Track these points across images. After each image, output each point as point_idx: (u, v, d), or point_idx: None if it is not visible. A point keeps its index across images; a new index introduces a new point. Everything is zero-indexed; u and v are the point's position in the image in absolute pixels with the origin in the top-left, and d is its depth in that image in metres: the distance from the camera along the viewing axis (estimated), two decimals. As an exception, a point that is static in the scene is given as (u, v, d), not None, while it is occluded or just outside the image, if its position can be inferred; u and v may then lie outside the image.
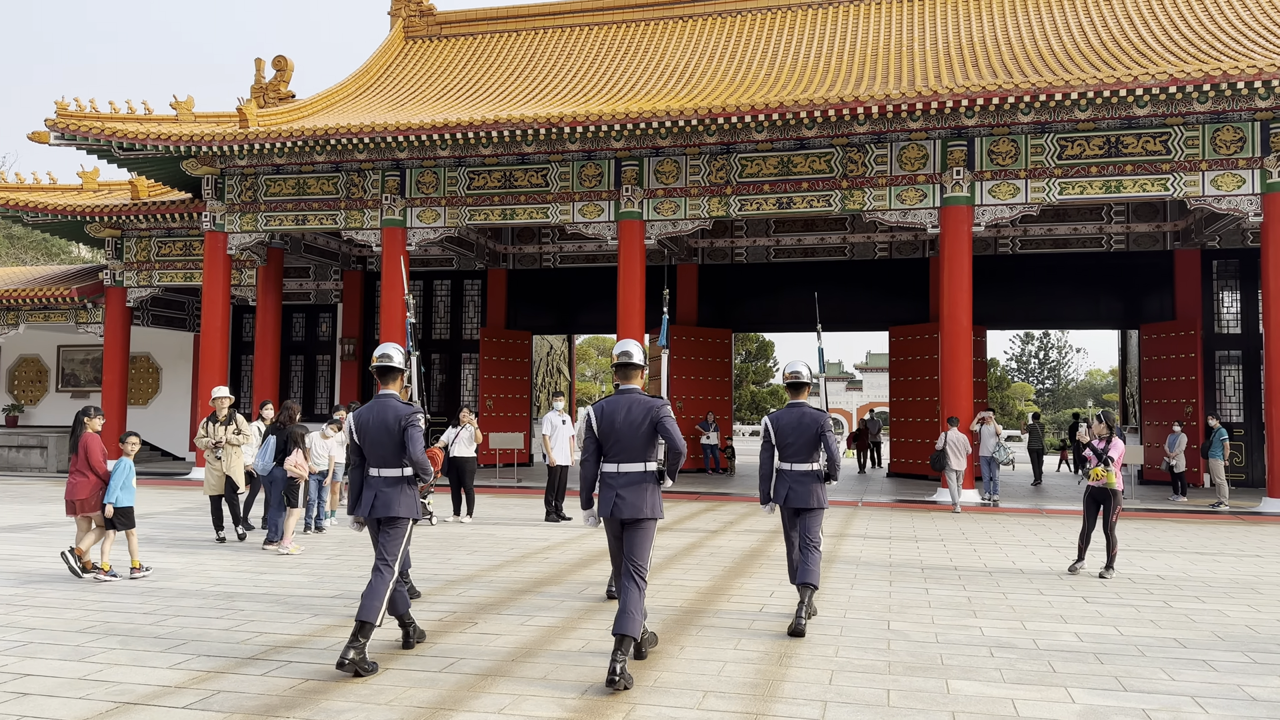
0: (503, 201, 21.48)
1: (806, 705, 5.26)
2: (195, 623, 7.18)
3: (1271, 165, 17.61)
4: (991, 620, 7.52)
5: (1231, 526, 14.98)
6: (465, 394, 28.21)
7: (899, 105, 17.95)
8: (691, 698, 5.37)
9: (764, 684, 5.66)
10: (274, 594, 8.35)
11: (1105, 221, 24.05)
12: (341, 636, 6.78)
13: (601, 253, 27.37)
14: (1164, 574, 9.93)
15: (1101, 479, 9.96)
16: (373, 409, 6.26)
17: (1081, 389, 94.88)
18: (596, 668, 5.99)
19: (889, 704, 5.30)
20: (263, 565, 9.97)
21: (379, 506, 6.16)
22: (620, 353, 6.14)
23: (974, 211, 18.94)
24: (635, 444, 5.97)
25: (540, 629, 7.07)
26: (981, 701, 5.36)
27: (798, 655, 6.33)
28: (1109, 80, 17.09)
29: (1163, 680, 5.83)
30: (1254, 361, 23.34)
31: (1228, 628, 7.35)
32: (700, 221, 20.37)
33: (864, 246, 25.45)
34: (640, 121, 19.12)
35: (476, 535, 12.57)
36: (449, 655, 6.29)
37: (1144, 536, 13.19)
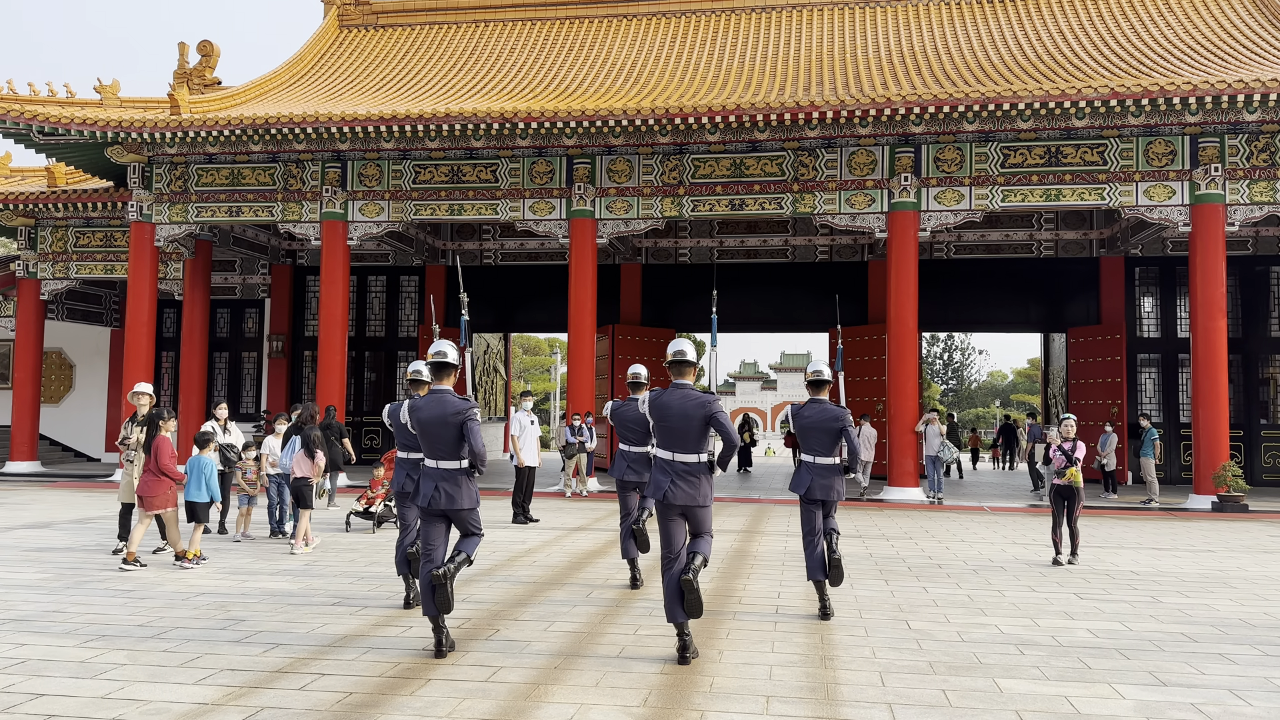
0: (450, 197, 21.08)
1: (873, 708, 5.27)
2: (201, 633, 6.82)
3: (1200, 178, 18.49)
4: (1002, 618, 7.69)
5: (1169, 522, 15.67)
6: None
7: (852, 110, 18.25)
8: (756, 703, 5.33)
9: (820, 687, 5.66)
10: (269, 601, 7.99)
11: (1035, 228, 24.92)
12: (361, 645, 6.53)
13: (544, 251, 27.12)
14: (1136, 570, 10.32)
15: (1070, 478, 10.61)
16: (430, 403, 6.42)
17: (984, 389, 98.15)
18: (645, 673, 5.90)
19: (950, 704, 5.35)
20: (241, 571, 9.55)
21: (442, 499, 6.38)
22: (675, 351, 6.49)
23: (920, 217, 19.39)
24: (689, 436, 6.31)
25: (567, 634, 6.93)
26: (1037, 699, 5.46)
27: (838, 657, 6.35)
28: (1054, 92, 17.69)
29: (1193, 674, 6.04)
30: (1171, 364, 24.50)
31: (1223, 622, 7.67)
32: (653, 221, 20.35)
33: (805, 249, 25.82)
34: (596, 120, 19.00)
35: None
36: (487, 664, 6.11)
37: (1097, 533, 13.68)
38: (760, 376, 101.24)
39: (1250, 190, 18.42)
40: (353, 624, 7.23)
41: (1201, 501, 18.17)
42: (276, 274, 27.76)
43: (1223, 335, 18.46)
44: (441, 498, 6.37)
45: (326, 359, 21.33)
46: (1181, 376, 24.45)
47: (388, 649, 6.48)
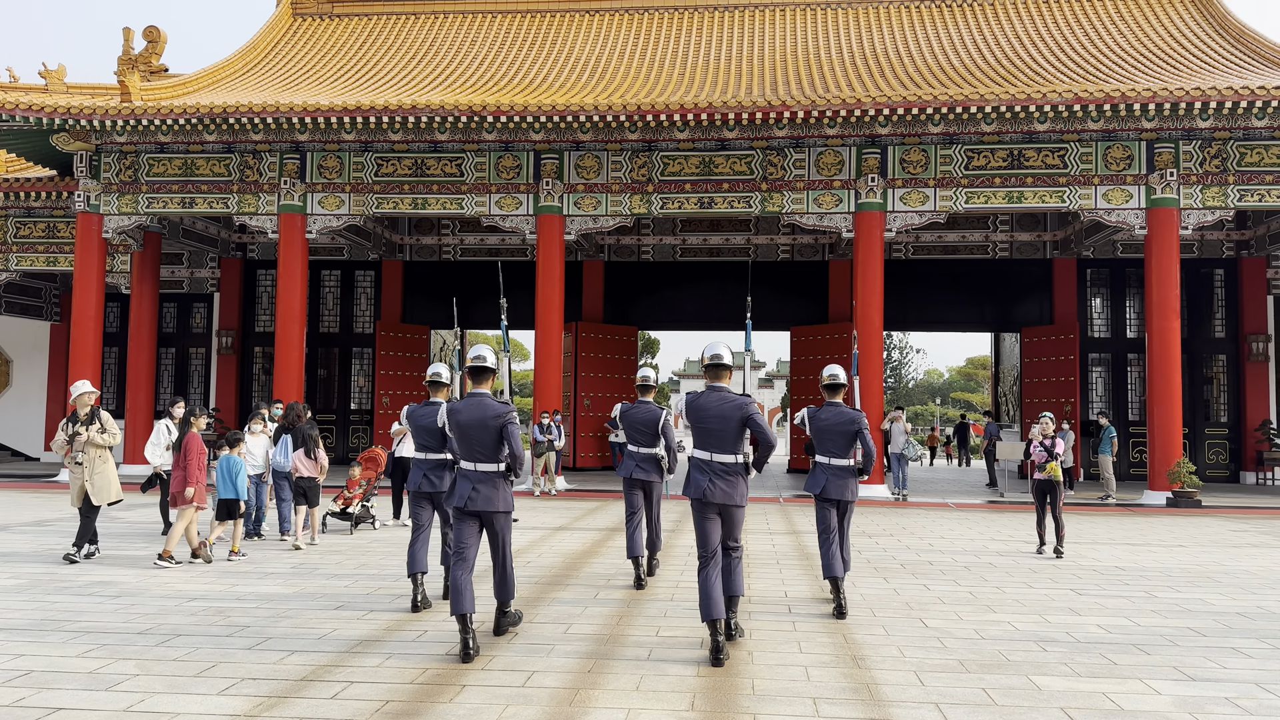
0: (414, 190, 20.72)
1: (921, 708, 5.27)
2: (208, 640, 6.55)
3: (1156, 182, 19.00)
4: (1012, 615, 7.77)
5: (1129, 518, 16.07)
6: (357, 390, 27.10)
7: (823, 111, 18.37)
8: (803, 705, 5.29)
9: (861, 688, 5.64)
10: (267, 605, 7.72)
11: (991, 230, 25.39)
12: (380, 650, 6.34)
13: (505, 246, 26.84)
14: (1120, 565, 10.55)
15: (1051, 473, 11.21)
16: (469, 406, 6.52)
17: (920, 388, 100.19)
18: (682, 675, 5.82)
19: (995, 703, 5.37)
20: (229, 574, 9.22)
21: (478, 500, 6.43)
22: (712, 355, 6.63)
23: (886, 217, 19.60)
24: (727, 437, 6.48)
25: (588, 636, 6.82)
26: (1077, 696, 5.51)
27: (868, 657, 6.35)
28: (1020, 96, 18.02)
29: (1216, 669, 6.16)
30: (1120, 364, 25.19)
31: (1222, 616, 7.86)
32: (622, 218, 20.25)
33: (767, 248, 25.95)
34: (566, 115, 18.83)
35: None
36: (518, 668, 5.98)
37: (1066, 529, 13.94)
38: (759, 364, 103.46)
39: (1203, 195, 18.99)
40: (364, 628, 7.02)
41: (1156, 497, 18.67)
42: (226, 268, 27.01)
43: (1176, 336, 19.00)
44: (479, 499, 6.43)
45: (284, 355, 20.81)
46: (1130, 375, 25.15)
47: (410, 654, 6.30)
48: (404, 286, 27.00)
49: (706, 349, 6.73)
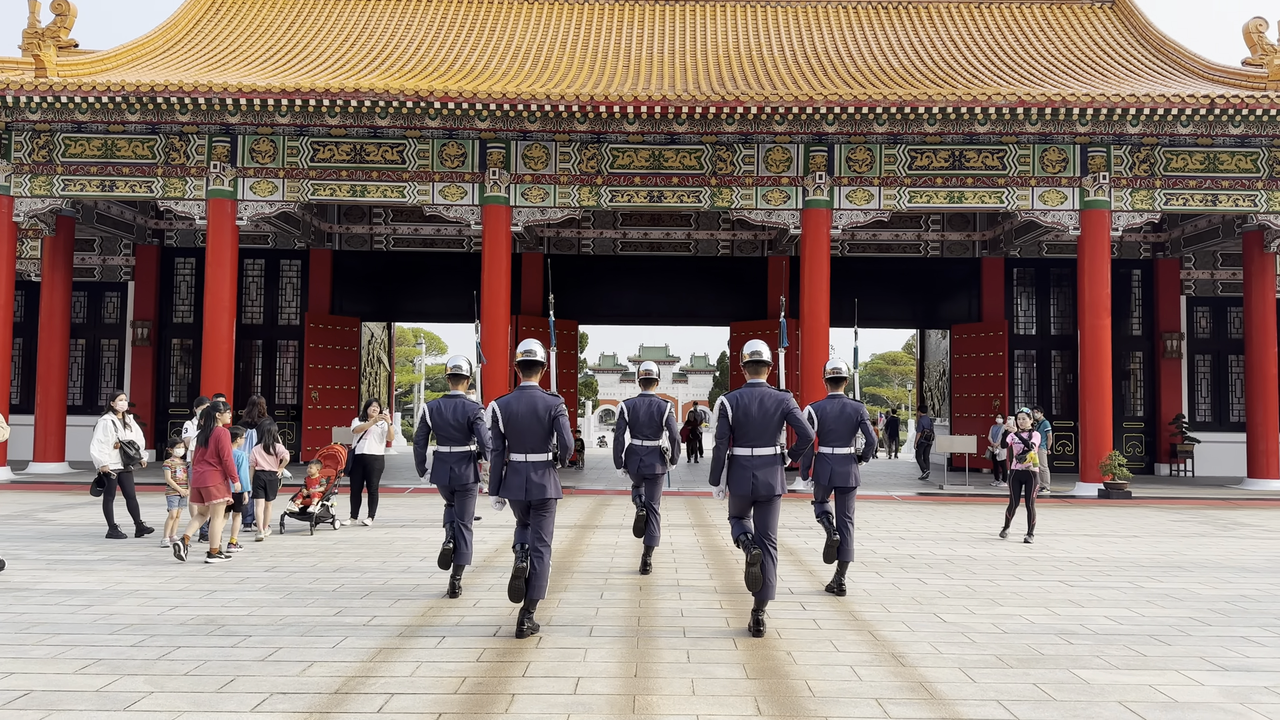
0: (352, 177, 20.03)
1: (985, 705, 5.25)
2: (213, 651, 6.12)
3: (1089, 185, 19.66)
4: (1020, 608, 7.87)
5: (1068, 509, 16.62)
6: (283, 384, 26.12)
7: (775, 107, 18.43)
8: (870, 706, 5.21)
9: (916, 686, 5.60)
10: (259, 613, 7.28)
11: (924, 229, 25.96)
12: (400, 655, 6.02)
13: (440, 237, 26.23)
14: (1093, 557, 10.84)
15: (1030, 462, 12.01)
16: (519, 399, 6.77)
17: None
18: (732, 679, 5.68)
19: (1053, 699, 5.39)
20: (201, 580, 8.68)
21: (534, 491, 6.72)
22: (751, 352, 6.99)
23: (833, 215, 19.81)
24: (767, 431, 6.80)
25: (616, 639, 6.62)
26: (1126, 689, 5.58)
27: (907, 655, 6.32)
28: (966, 98, 18.41)
29: (1239, 658, 6.33)
30: (1045, 360, 26.06)
31: (1215, 604, 8.11)
32: (570, 210, 19.98)
33: (708, 243, 25.98)
34: (518, 104, 18.46)
35: (401, 540, 11.63)
36: (562, 676, 5.74)
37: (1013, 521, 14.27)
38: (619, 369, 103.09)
39: (1133, 198, 19.74)
40: (376, 635, 6.67)
41: (1088, 489, 19.35)
42: (141, 255, 25.68)
43: (1108, 333, 19.73)
44: (534, 489, 6.73)
45: (212, 348, 19.86)
46: (1053, 371, 26.06)
47: (438, 661, 6.00)
48: (333, 277, 26.12)
49: (746, 346, 7.07)
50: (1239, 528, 14.02)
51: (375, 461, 12.97)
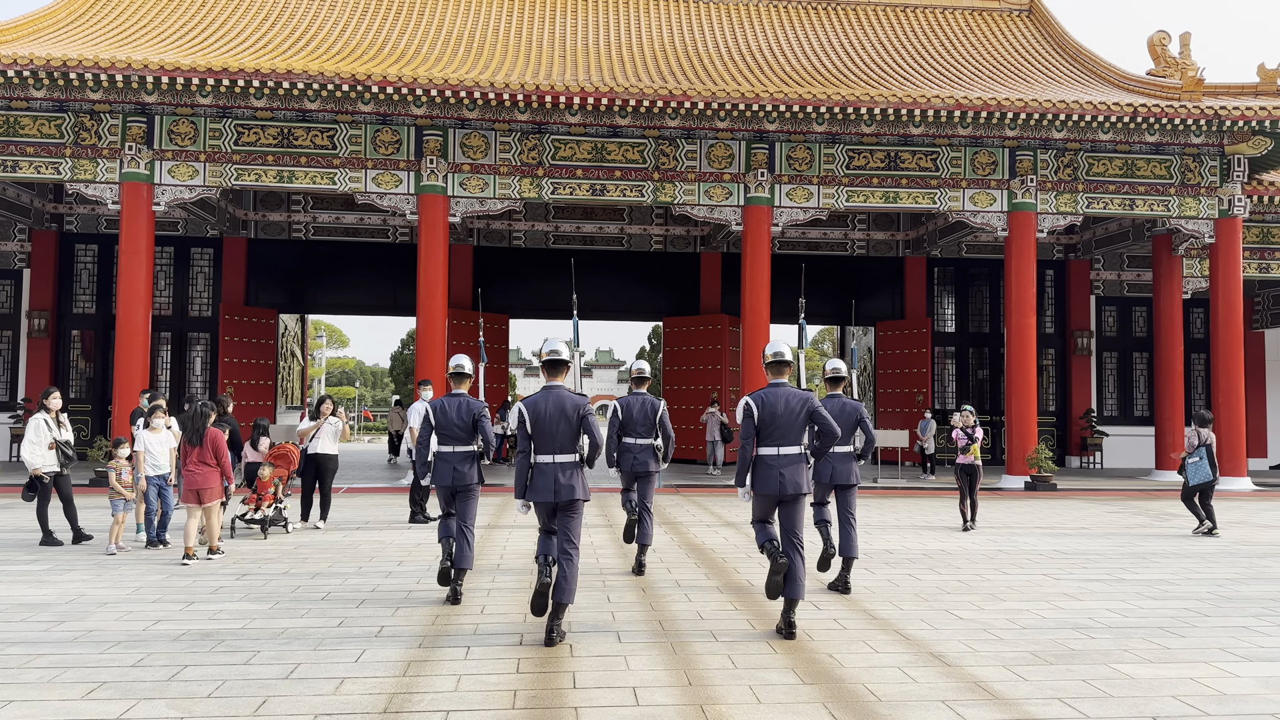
0: (279, 162, 19.15)
1: (1049, 704, 5.26)
2: (222, 670, 5.67)
3: (1017, 187, 20.31)
4: (1024, 603, 8.00)
5: (1000, 501, 17.13)
6: (194, 379, 24.86)
7: (721, 103, 18.41)
8: (943, 710, 5.17)
9: (973, 686, 5.58)
10: (254, 625, 6.81)
11: (850, 228, 26.42)
12: (426, 673, 5.70)
13: (364, 226, 25.37)
14: (1061, 550, 11.15)
15: (974, 456, 12.66)
16: (546, 399, 6.62)
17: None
18: (789, 684, 5.57)
19: (1110, 694, 5.45)
20: (171, 592, 8.09)
21: (561, 491, 6.52)
22: (774, 353, 6.98)
23: (773, 212, 19.93)
24: (793, 430, 6.80)
25: (646, 641, 6.42)
26: (1170, 683, 5.68)
27: (946, 654, 6.32)
28: (906, 99, 18.76)
29: (1254, 648, 6.53)
30: (965, 357, 26.87)
31: (1201, 595, 8.41)
32: (511, 202, 19.56)
33: (641, 238, 25.85)
34: (460, 90, 17.96)
35: (365, 543, 11.13)
36: (614, 686, 5.52)
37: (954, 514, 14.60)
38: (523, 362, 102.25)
39: (1057, 201, 20.48)
40: (399, 648, 6.30)
41: (1015, 482, 20.02)
42: (38, 241, 24.05)
43: (1033, 331, 20.42)
44: (564, 490, 6.55)
45: (127, 341, 18.73)
46: (970, 367, 26.88)
47: (474, 673, 5.69)
48: (248, 266, 25.00)
49: (768, 347, 7.06)
50: (1171, 518, 14.68)
51: (329, 461, 12.41)
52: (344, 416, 13.07)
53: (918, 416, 24.24)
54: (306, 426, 12.47)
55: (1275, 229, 23.42)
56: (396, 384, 49.14)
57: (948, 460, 25.63)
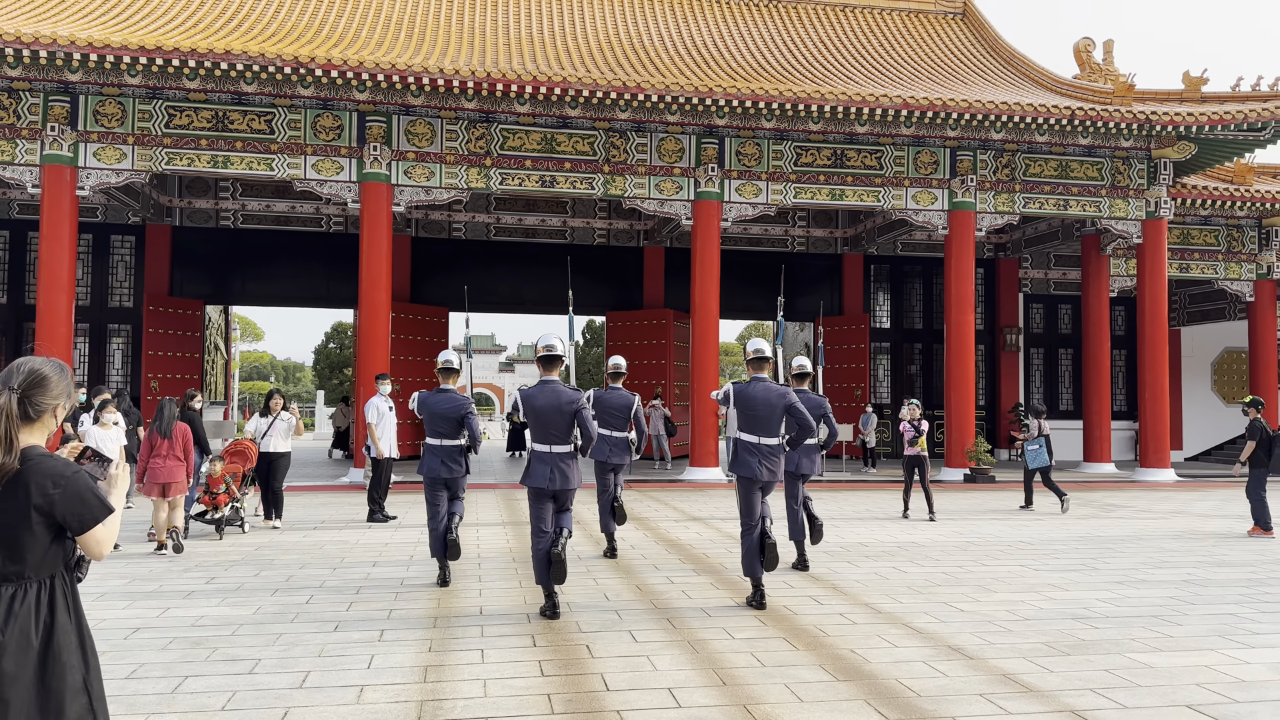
0: (214, 146, 18.35)
1: (1084, 695, 5.30)
2: (238, 679, 5.33)
3: (957, 187, 20.73)
4: (1016, 594, 8.10)
5: (941, 493, 17.45)
6: (113, 373, 23.71)
7: (675, 97, 18.32)
8: (984, 704, 5.16)
9: (1005, 679, 5.59)
10: (247, 629, 6.45)
11: (790, 225, 26.64)
12: (447, 679, 5.47)
13: (296, 215, 24.55)
14: (1025, 539, 11.38)
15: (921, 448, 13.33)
16: (542, 392, 6.96)
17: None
18: (823, 681, 5.50)
19: (1138, 684, 5.52)
20: (137, 596, 7.62)
21: (558, 480, 6.93)
22: (755, 349, 7.60)
23: (723, 207, 19.94)
24: (773, 422, 7.41)
25: (655, 628, 6.28)
26: (1188, 671, 5.79)
27: (964, 647, 6.33)
28: (855, 98, 18.94)
29: (1250, 635, 6.72)
30: (899, 352, 27.36)
31: (1178, 583, 8.65)
32: (457, 192, 19.12)
33: (584, 231, 25.61)
34: (408, 76, 17.48)
35: (329, 543, 10.72)
36: (648, 687, 5.37)
37: (912, 505, 14.86)
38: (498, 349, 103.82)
39: (995, 201, 20.98)
40: (408, 652, 6.03)
41: (954, 474, 20.45)
42: (-58, 225, 22.59)
43: (972, 327, 20.89)
44: (558, 479, 6.93)
45: (49, 333, 17.71)
46: (904, 362, 27.40)
47: (500, 663, 5.47)
48: (173, 255, 23.95)
49: (750, 344, 7.66)
50: (1115, 508, 15.17)
51: (281, 459, 11.91)
52: (295, 412, 12.58)
53: (858, 410, 24.61)
54: (256, 426, 11.95)
55: (1195, 230, 24.45)
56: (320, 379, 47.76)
57: (884, 454, 26.12)
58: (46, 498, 2.69)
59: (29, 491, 2.68)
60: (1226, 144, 21.10)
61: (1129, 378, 28.24)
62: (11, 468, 2.67)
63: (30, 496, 2.67)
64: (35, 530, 2.69)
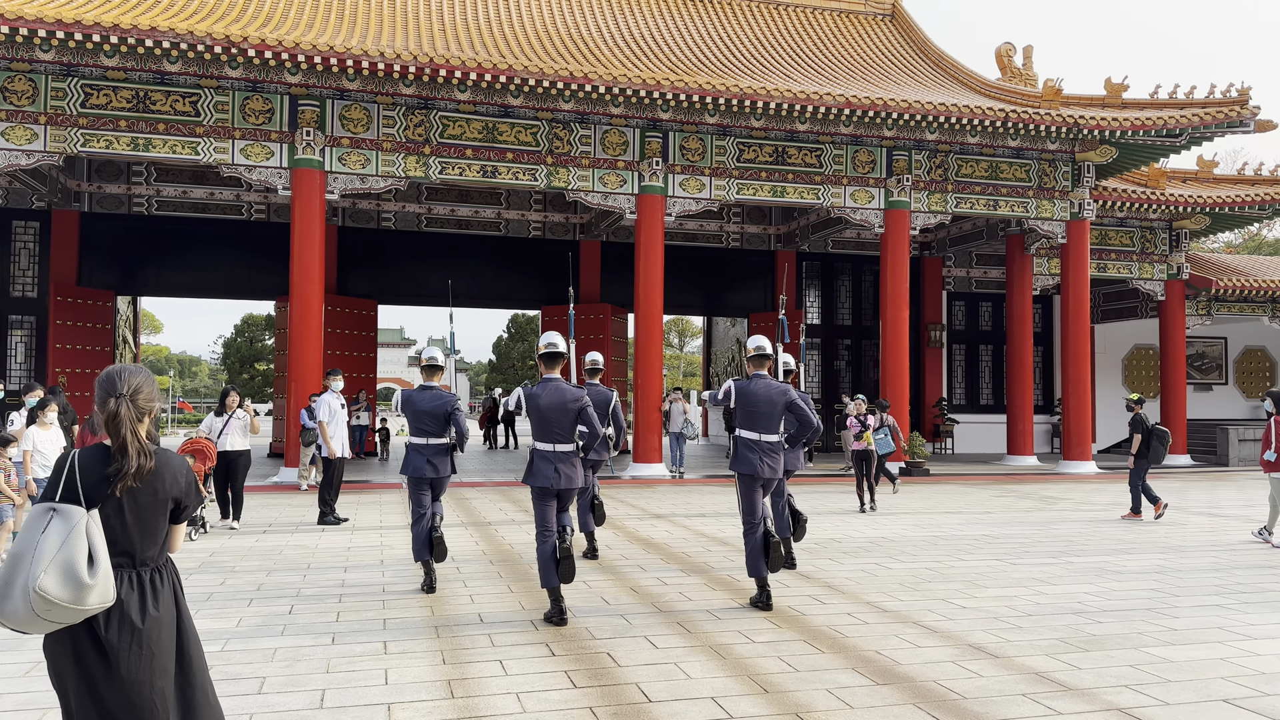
0: (134, 128, 17.34)
1: (1122, 692, 5.32)
2: (256, 704, 4.93)
3: (893, 186, 21.04)
4: (1006, 590, 8.17)
5: (880, 487, 17.70)
6: (16, 367, 22.25)
7: (624, 89, 18.10)
8: (1031, 705, 5.12)
9: (1040, 678, 5.58)
10: (236, 645, 6.00)
11: (725, 221, 26.70)
12: (475, 693, 5.19)
13: (215, 202, 23.45)
14: (988, 534, 11.56)
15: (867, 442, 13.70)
16: (546, 390, 6.89)
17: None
18: (856, 685, 5.39)
19: (1168, 679, 5.57)
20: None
21: (562, 480, 6.83)
22: (756, 347, 7.70)
23: (667, 202, 19.81)
24: (773, 419, 7.47)
25: (671, 633, 6.09)
26: (1208, 664, 5.88)
27: (984, 645, 6.32)
28: (801, 95, 19.02)
29: (1246, 625, 6.90)
30: (830, 348, 27.69)
31: (1153, 576, 8.86)
32: (395, 180, 18.51)
33: (518, 224, 25.15)
34: (347, 59, 16.82)
35: (289, 547, 10.17)
36: (692, 696, 5.17)
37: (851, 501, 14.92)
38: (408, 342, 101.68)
39: (929, 200, 21.38)
40: (421, 666, 5.70)
41: (891, 468, 20.74)
42: None
43: (906, 324, 21.25)
44: (562, 478, 6.85)
45: (-50, 322, 16.48)
46: (834, 358, 27.77)
47: (538, 691, 5.21)
48: (81, 243, 22.59)
49: (751, 341, 7.74)
50: (1056, 500, 15.60)
51: (240, 458, 11.32)
52: (250, 409, 11.95)
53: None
54: (208, 426, 11.29)
55: (1112, 232, 25.40)
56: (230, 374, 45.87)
57: (817, 448, 26.40)
58: (180, 489, 3.10)
59: (165, 484, 3.05)
60: (1145, 149, 21.95)
61: (1045, 373, 29.23)
62: (151, 466, 3.00)
63: (168, 488, 3.06)
64: (166, 518, 3.10)
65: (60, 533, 2.80)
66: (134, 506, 2.97)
